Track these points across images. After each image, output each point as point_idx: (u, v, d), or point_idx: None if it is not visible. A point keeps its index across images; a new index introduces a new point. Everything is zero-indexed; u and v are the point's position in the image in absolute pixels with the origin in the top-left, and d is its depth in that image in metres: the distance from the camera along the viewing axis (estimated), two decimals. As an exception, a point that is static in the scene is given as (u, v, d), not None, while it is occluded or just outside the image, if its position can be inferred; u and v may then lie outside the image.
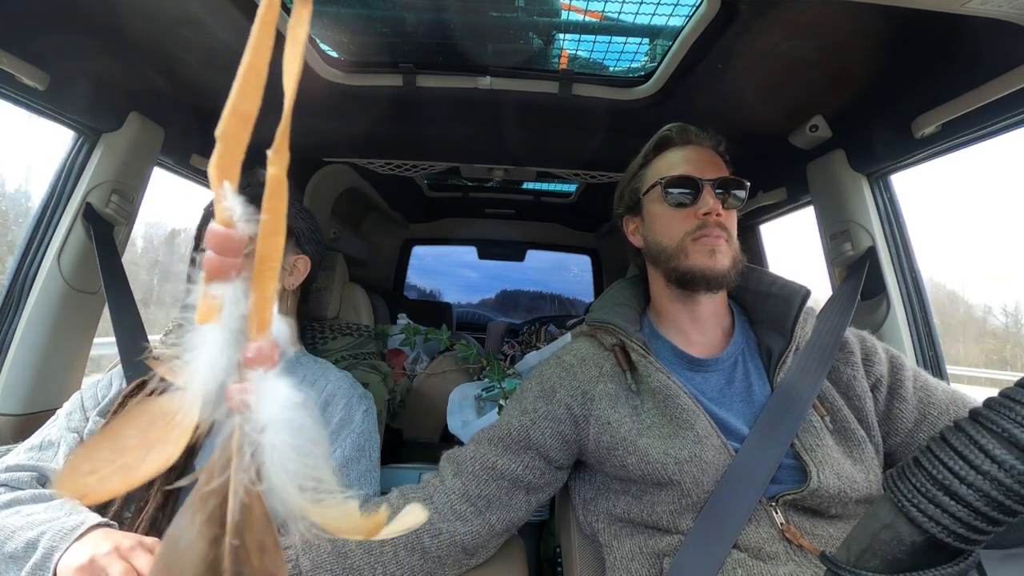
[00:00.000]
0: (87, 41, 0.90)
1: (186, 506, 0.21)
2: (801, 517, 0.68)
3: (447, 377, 1.57)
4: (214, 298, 0.21)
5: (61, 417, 0.80)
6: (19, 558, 0.59)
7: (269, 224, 0.21)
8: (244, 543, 0.21)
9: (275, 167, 0.21)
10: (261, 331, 0.21)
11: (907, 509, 0.37)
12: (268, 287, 0.21)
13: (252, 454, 0.21)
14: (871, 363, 0.77)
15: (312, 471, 0.21)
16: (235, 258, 0.21)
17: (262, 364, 0.21)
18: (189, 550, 0.20)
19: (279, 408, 0.21)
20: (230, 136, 0.20)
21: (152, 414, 0.23)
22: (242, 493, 0.20)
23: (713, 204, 0.75)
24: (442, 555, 0.71)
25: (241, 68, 0.20)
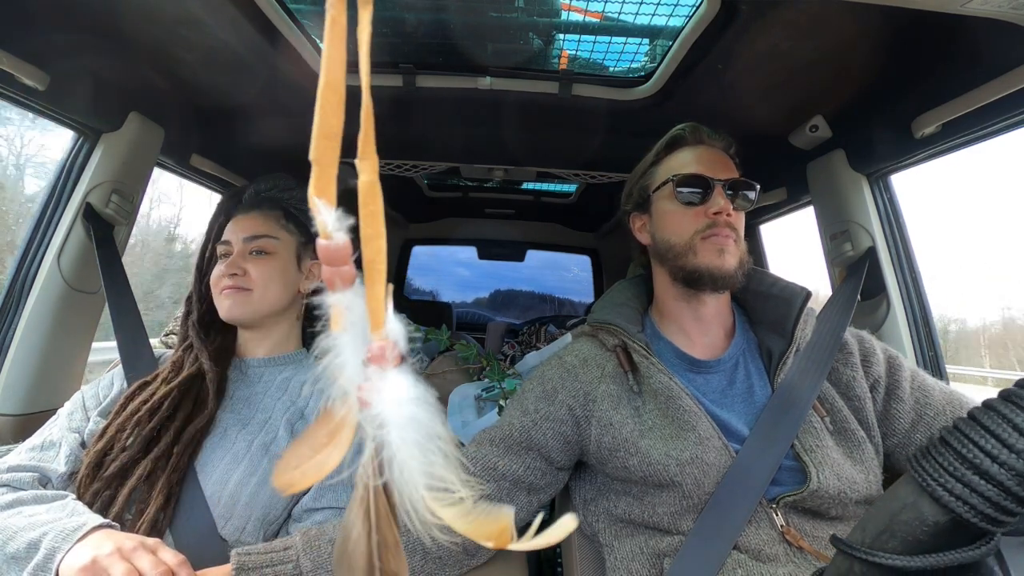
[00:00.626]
0: (87, 41, 0.90)
1: (352, 500, 0.23)
2: (801, 519, 0.68)
3: (447, 377, 1.57)
4: (336, 306, 0.22)
5: (62, 417, 0.80)
6: (21, 559, 0.59)
7: (368, 228, 0.22)
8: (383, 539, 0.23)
9: (366, 174, 0.22)
10: (377, 330, 0.22)
11: (932, 489, 0.36)
12: (378, 288, 0.22)
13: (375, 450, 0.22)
14: (869, 363, 0.77)
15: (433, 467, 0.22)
16: (344, 265, 0.22)
17: (379, 362, 0.22)
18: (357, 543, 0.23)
19: (397, 404, 0.22)
20: (323, 156, 0.21)
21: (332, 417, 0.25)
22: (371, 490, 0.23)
23: (724, 204, 0.75)
24: (442, 555, 0.71)
25: (320, 88, 0.20)
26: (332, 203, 0.21)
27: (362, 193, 0.22)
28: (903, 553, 0.37)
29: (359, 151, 0.21)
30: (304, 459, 0.25)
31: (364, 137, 0.21)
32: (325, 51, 0.21)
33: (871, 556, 0.38)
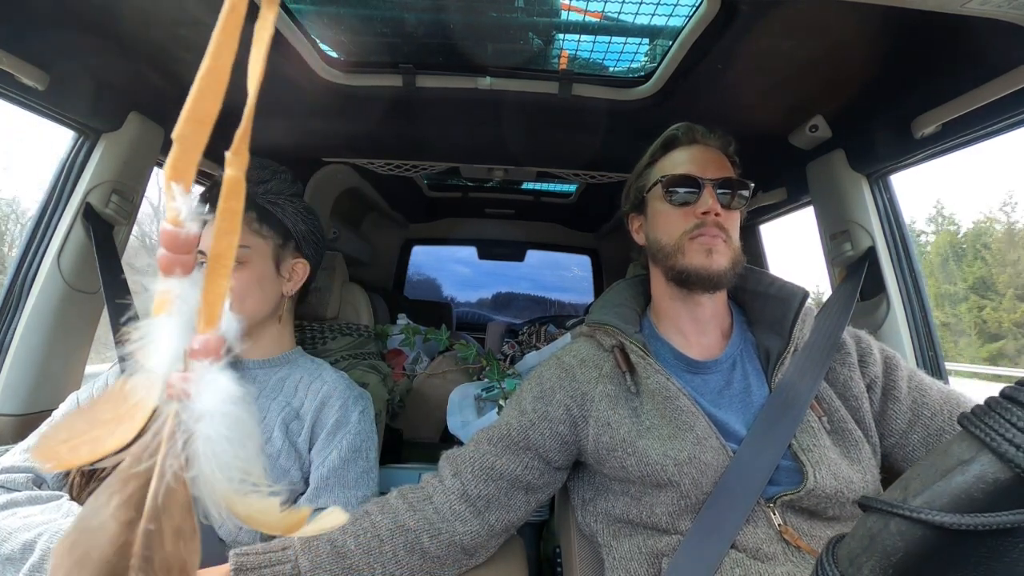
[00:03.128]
0: (87, 41, 0.90)
1: (104, 487, 0.21)
2: (799, 518, 0.68)
3: (447, 377, 1.57)
4: (166, 292, 0.22)
5: (58, 418, 0.79)
6: (16, 560, 0.59)
7: (224, 224, 0.21)
8: (160, 527, 0.21)
9: (233, 168, 0.21)
10: (209, 325, 0.22)
11: (998, 444, 0.34)
12: (220, 284, 0.22)
13: (185, 442, 0.21)
14: (866, 363, 0.77)
15: (243, 464, 0.22)
16: (185, 254, 0.21)
17: (207, 356, 0.22)
18: (100, 531, 0.21)
19: (218, 400, 0.22)
20: (187, 139, 0.20)
21: (124, 392, 0.23)
22: (169, 478, 0.21)
23: (712, 204, 0.74)
24: (442, 555, 0.71)
25: (200, 71, 0.20)
26: (188, 188, 0.21)
27: (226, 187, 0.21)
28: (953, 511, 0.35)
29: (233, 145, 0.21)
30: (78, 433, 0.23)
31: (240, 133, 0.21)
32: (215, 38, 0.20)
33: (916, 513, 0.36)
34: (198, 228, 0.21)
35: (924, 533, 0.36)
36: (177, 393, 0.22)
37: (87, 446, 0.22)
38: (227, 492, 0.22)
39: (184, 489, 0.22)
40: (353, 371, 1.15)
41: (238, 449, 0.22)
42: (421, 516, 0.71)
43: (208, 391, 0.22)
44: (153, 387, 0.22)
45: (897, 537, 0.37)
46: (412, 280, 2.97)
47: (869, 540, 0.39)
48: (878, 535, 0.38)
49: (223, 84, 0.20)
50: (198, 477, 0.21)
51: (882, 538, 0.38)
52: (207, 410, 0.21)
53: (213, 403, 0.22)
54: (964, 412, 0.38)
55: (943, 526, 0.35)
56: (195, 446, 0.21)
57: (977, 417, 0.37)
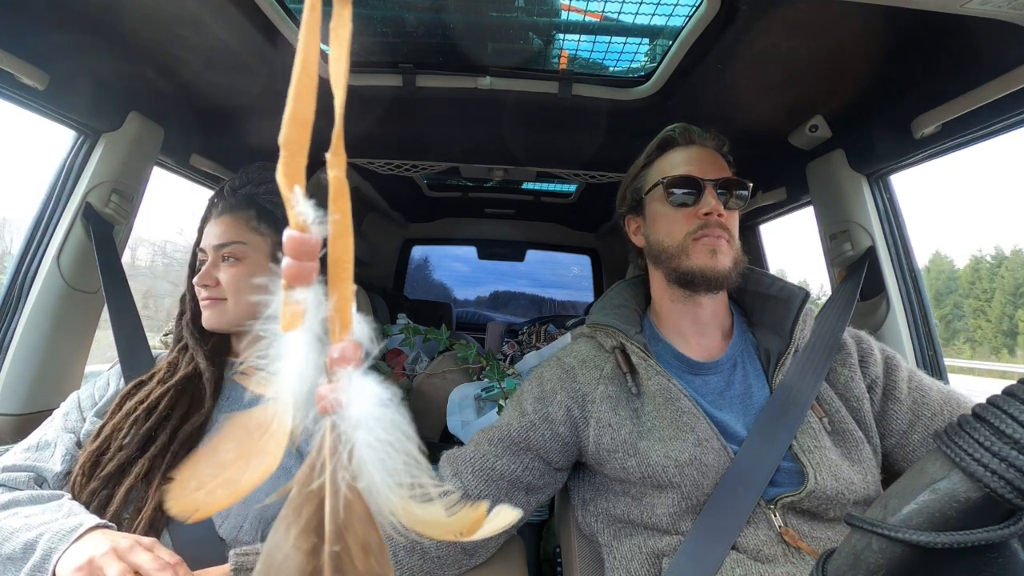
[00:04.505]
0: (87, 41, 0.90)
1: (279, 520, 0.21)
2: (799, 520, 0.68)
3: (447, 377, 1.57)
4: (298, 304, 0.21)
5: (58, 417, 0.80)
6: (17, 559, 0.59)
7: (338, 225, 0.21)
8: (347, 547, 0.20)
9: (335, 169, 0.21)
10: (344, 331, 0.21)
11: (967, 464, 0.35)
12: (345, 288, 0.21)
13: (349, 452, 0.21)
14: (867, 364, 0.77)
15: (407, 467, 0.21)
16: (312, 261, 0.21)
17: (348, 363, 0.21)
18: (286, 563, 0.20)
19: (370, 405, 0.21)
20: (292, 142, 0.20)
21: (246, 427, 0.23)
22: (345, 491, 0.20)
23: (714, 204, 0.74)
24: (441, 555, 0.71)
25: (294, 74, 0.20)
26: (304, 191, 0.20)
27: (332, 189, 0.21)
28: (929, 530, 0.36)
29: (331, 146, 0.21)
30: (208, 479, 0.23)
31: (336, 133, 0.21)
32: (301, 38, 0.20)
33: (894, 533, 0.37)
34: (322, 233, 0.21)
35: (904, 551, 0.37)
36: (330, 404, 0.21)
37: (223, 489, 0.22)
38: (399, 499, 0.21)
39: (361, 501, 0.21)
40: (353, 371, 1.15)
41: (400, 452, 0.21)
42: None
43: (358, 398, 0.21)
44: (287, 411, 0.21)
45: (879, 555, 0.38)
46: (411, 278, 2.98)
47: (854, 558, 0.40)
48: (862, 553, 0.39)
49: (314, 84, 0.20)
50: (369, 487, 0.21)
51: (865, 556, 0.39)
52: (362, 417, 0.21)
53: (366, 409, 0.21)
54: (938, 430, 0.39)
55: (919, 545, 0.36)
56: (360, 455, 0.20)
57: (949, 436, 0.38)
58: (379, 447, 0.21)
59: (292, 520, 0.21)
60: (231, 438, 0.23)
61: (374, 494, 0.21)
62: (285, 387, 0.21)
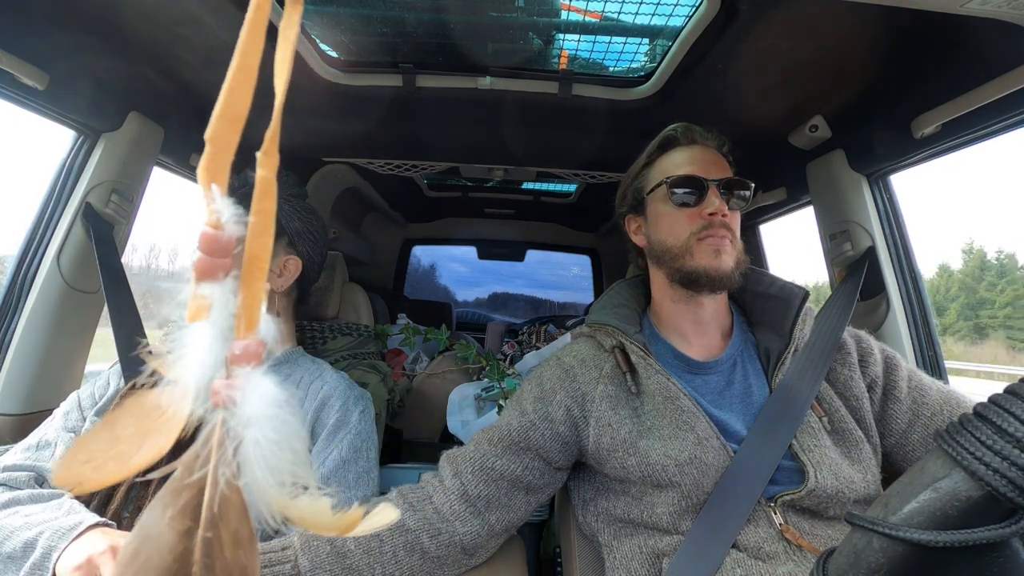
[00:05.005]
0: (87, 41, 0.90)
1: (157, 499, 0.21)
2: (800, 518, 0.68)
3: (447, 377, 1.57)
4: (204, 297, 0.21)
5: (58, 417, 0.80)
6: (17, 558, 0.60)
7: (258, 225, 0.21)
8: (218, 535, 0.21)
9: (264, 169, 0.21)
10: (249, 330, 0.22)
11: (969, 462, 0.35)
12: (257, 287, 0.21)
13: (235, 448, 0.21)
14: (867, 363, 0.77)
15: (292, 467, 0.22)
16: (224, 258, 0.21)
17: (249, 362, 0.21)
18: (158, 541, 0.21)
19: (264, 405, 0.21)
20: (220, 138, 0.20)
21: (147, 406, 0.23)
22: (223, 485, 0.21)
23: (719, 205, 0.74)
24: (441, 555, 0.71)
25: (230, 71, 0.20)
26: (224, 188, 0.21)
27: (258, 188, 0.21)
28: (930, 528, 0.36)
29: (263, 146, 0.21)
30: (99, 452, 0.22)
31: (271, 133, 0.21)
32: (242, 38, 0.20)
33: (895, 531, 0.37)
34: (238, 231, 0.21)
35: (904, 550, 0.37)
36: (223, 400, 0.21)
37: (113, 463, 0.22)
38: (279, 496, 0.22)
39: (238, 495, 0.21)
40: (353, 371, 1.15)
41: (287, 452, 0.22)
42: (421, 516, 0.71)
43: (253, 396, 0.21)
44: (185, 397, 0.22)
45: (880, 554, 0.38)
46: (411, 279, 2.98)
47: (855, 556, 0.40)
48: (863, 551, 0.39)
49: (252, 83, 0.20)
50: (251, 483, 0.21)
51: (866, 555, 0.39)
52: (254, 415, 0.21)
53: (259, 408, 0.21)
54: (939, 429, 0.39)
55: (921, 543, 0.36)
56: (245, 452, 0.21)
57: (950, 435, 0.38)
58: (266, 446, 0.21)
59: (170, 501, 0.21)
60: (130, 414, 0.23)
61: (255, 490, 0.21)
62: (185, 374, 0.21)
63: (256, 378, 0.22)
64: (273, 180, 0.21)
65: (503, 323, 2.31)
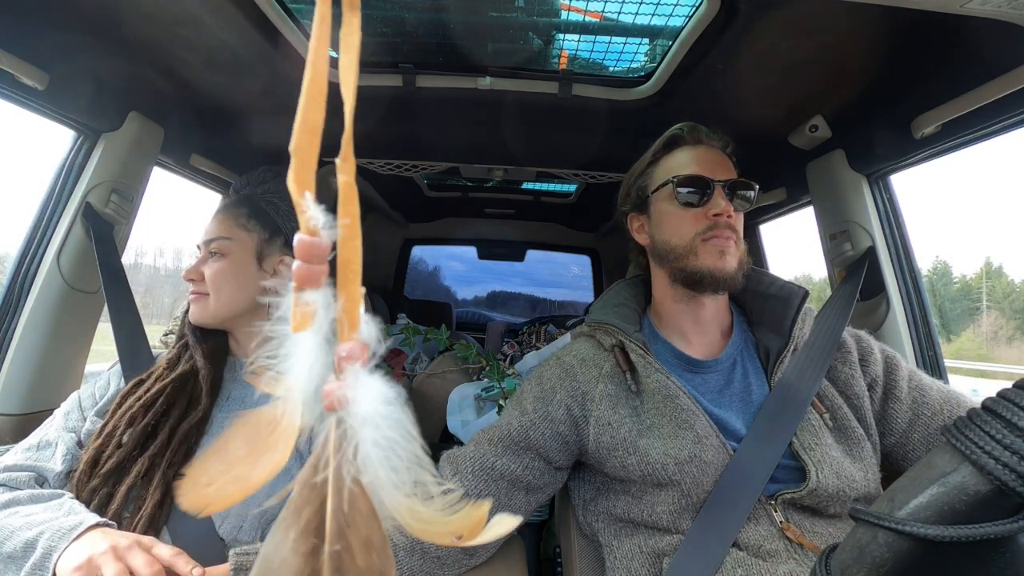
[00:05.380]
0: (87, 41, 0.90)
1: (278, 524, 0.21)
2: (800, 516, 0.68)
3: (447, 377, 1.57)
4: (308, 305, 0.21)
5: (59, 417, 0.80)
6: (18, 558, 0.59)
7: (347, 229, 0.21)
8: (349, 544, 0.21)
9: (345, 174, 0.21)
10: (352, 331, 0.22)
11: (978, 457, 0.35)
12: (354, 289, 0.22)
13: (355, 448, 0.21)
14: (867, 363, 0.77)
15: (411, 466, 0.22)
16: (322, 265, 0.21)
17: (356, 362, 0.22)
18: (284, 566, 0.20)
19: (377, 403, 0.21)
20: (302, 149, 0.21)
21: (256, 425, 0.23)
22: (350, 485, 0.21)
23: (725, 206, 0.74)
24: (441, 555, 0.71)
25: (305, 81, 0.20)
26: (313, 196, 0.21)
27: (342, 193, 0.21)
28: (937, 523, 0.36)
29: (341, 152, 0.21)
30: (218, 475, 0.23)
31: (346, 139, 0.21)
32: (311, 46, 0.21)
33: (901, 526, 0.36)
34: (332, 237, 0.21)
35: (910, 545, 0.37)
36: (336, 401, 0.21)
37: (233, 485, 0.22)
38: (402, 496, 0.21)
39: (365, 497, 0.21)
40: (353, 371, 1.15)
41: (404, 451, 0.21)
42: None
43: (365, 395, 0.21)
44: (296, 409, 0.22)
45: (885, 549, 0.38)
46: (410, 278, 2.97)
47: (859, 551, 0.40)
48: (867, 546, 0.39)
49: (324, 91, 0.21)
50: (374, 483, 0.21)
51: (871, 549, 0.39)
52: (369, 414, 0.21)
53: (372, 407, 0.21)
54: (947, 424, 0.39)
55: (927, 538, 0.36)
56: (365, 451, 0.21)
57: (958, 430, 0.38)
58: (384, 444, 0.21)
59: (292, 522, 0.21)
60: (240, 436, 0.24)
61: (378, 491, 0.21)
62: (294, 386, 0.22)
63: (365, 377, 0.22)
64: (354, 184, 0.22)
65: (503, 323, 2.31)
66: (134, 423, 0.73)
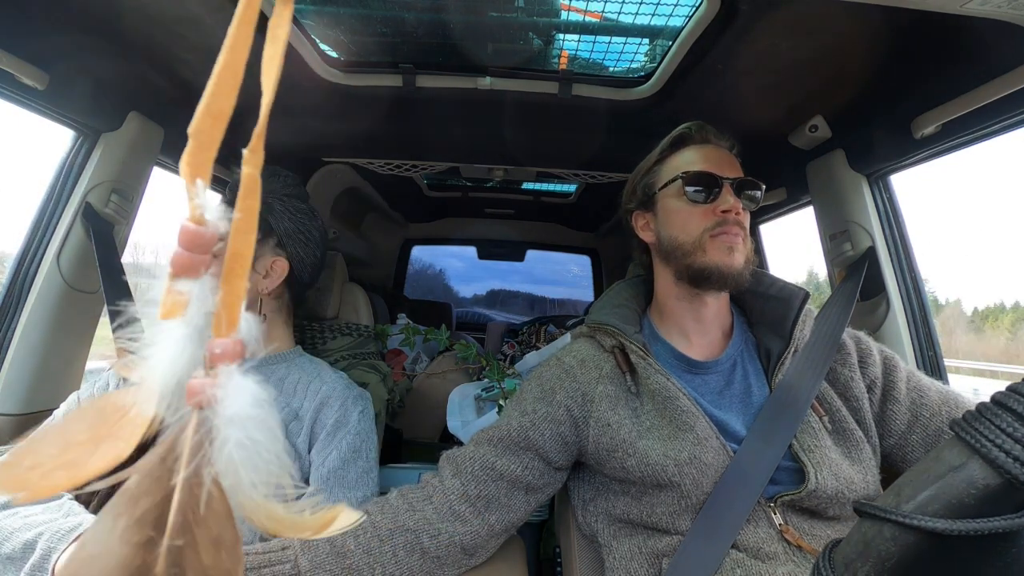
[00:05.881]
0: (87, 41, 0.90)
1: (107, 510, 0.20)
2: (799, 518, 0.68)
3: (447, 377, 1.57)
4: (181, 294, 0.20)
5: (58, 417, 0.79)
6: (17, 559, 0.59)
7: (242, 222, 0.20)
8: (194, 540, 0.20)
9: (250, 166, 0.21)
10: (230, 328, 0.21)
11: (988, 450, 0.35)
12: (238, 285, 0.21)
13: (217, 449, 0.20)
14: (866, 364, 0.77)
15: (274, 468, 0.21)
16: (204, 255, 0.20)
17: (230, 360, 0.21)
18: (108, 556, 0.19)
19: (247, 404, 0.21)
20: (203, 133, 0.20)
21: (103, 410, 0.22)
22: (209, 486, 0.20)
23: (734, 202, 0.75)
24: (441, 555, 0.71)
25: (216, 66, 0.19)
26: (207, 183, 0.20)
27: (243, 185, 0.20)
28: (944, 517, 0.35)
29: (250, 143, 0.20)
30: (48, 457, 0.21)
31: (258, 131, 0.20)
32: (230, 35, 0.20)
33: (909, 519, 0.36)
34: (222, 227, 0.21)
35: (917, 538, 0.36)
36: (204, 399, 0.20)
37: (63, 471, 0.21)
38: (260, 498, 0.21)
39: (223, 497, 0.20)
40: (353, 371, 1.15)
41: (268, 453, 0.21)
42: (421, 516, 0.71)
43: (234, 395, 0.21)
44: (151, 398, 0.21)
45: (891, 542, 0.38)
46: (411, 282, 2.97)
47: (864, 545, 0.39)
48: (872, 540, 0.39)
49: (238, 80, 0.20)
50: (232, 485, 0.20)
51: (876, 543, 0.38)
52: (237, 415, 0.20)
53: (243, 407, 0.21)
54: (955, 418, 0.39)
55: (935, 532, 0.35)
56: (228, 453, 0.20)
57: (968, 423, 0.37)
58: (249, 446, 0.20)
59: (124, 510, 0.20)
60: (83, 419, 0.22)
61: (236, 491, 0.21)
62: (154, 375, 0.21)
63: (238, 377, 0.21)
64: (258, 177, 0.21)
65: (503, 323, 2.31)
66: None
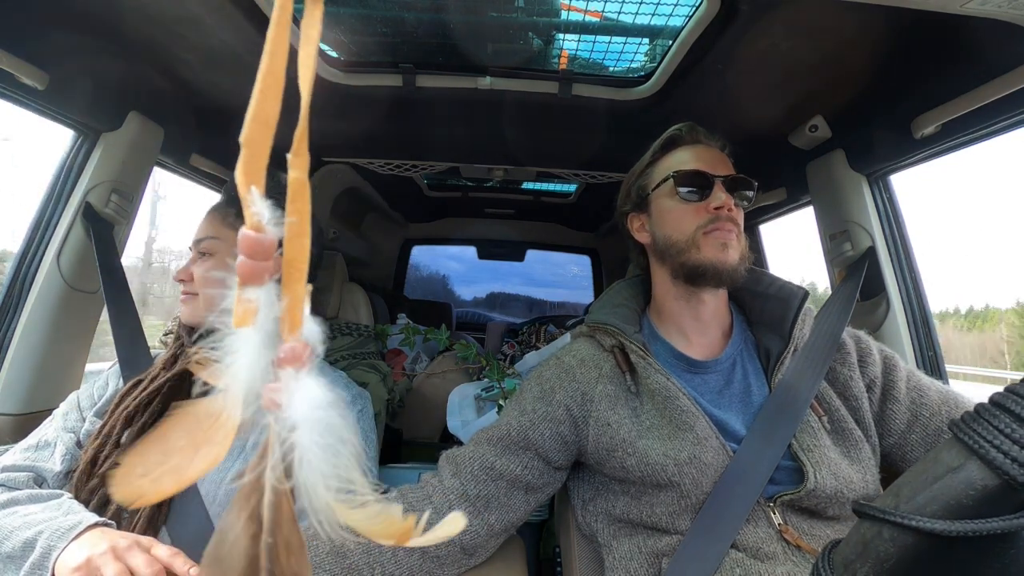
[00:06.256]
0: (87, 41, 0.90)
1: (234, 501, 0.21)
2: (799, 518, 0.68)
3: (447, 377, 1.57)
4: (250, 302, 0.21)
5: (58, 417, 0.80)
6: (17, 558, 0.59)
7: (295, 227, 0.21)
8: (276, 541, 0.21)
9: (296, 170, 0.21)
10: (293, 332, 0.21)
11: (986, 451, 0.35)
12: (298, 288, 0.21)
13: (283, 452, 0.21)
14: (866, 364, 0.77)
15: (342, 470, 0.22)
16: (267, 261, 0.21)
17: (293, 364, 0.21)
18: (235, 544, 0.21)
19: (309, 407, 0.21)
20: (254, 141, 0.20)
21: (197, 416, 0.23)
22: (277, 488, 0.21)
23: (726, 199, 0.75)
24: (441, 555, 0.71)
25: (260, 73, 0.20)
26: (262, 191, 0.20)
27: (291, 190, 0.21)
28: (943, 517, 0.35)
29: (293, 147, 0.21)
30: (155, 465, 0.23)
31: (299, 133, 0.21)
32: (269, 39, 0.20)
33: (908, 520, 0.36)
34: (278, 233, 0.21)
35: (916, 539, 0.36)
36: (271, 403, 0.21)
37: (169, 476, 0.22)
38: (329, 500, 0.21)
39: (288, 501, 0.21)
40: (353, 371, 1.15)
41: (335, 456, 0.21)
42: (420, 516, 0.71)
43: (299, 399, 0.21)
44: (236, 404, 0.22)
45: (890, 543, 0.38)
46: (411, 282, 2.97)
47: (863, 546, 0.39)
48: (871, 541, 0.39)
49: (281, 84, 0.20)
50: (299, 487, 0.21)
51: (875, 544, 0.38)
52: (300, 418, 0.21)
53: (306, 410, 0.21)
54: (954, 419, 0.39)
55: (934, 532, 0.35)
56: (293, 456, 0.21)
57: (966, 424, 0.37)
58: (313, 449, 0.21)
59: (242, 505, 0.21)
60: (181, 426, 0.23)
61: (305, 495, 0.21)
62: (235, 381, 0.21)
63: (301, 380, 0.21)
64: (306, 181, 0.21)
65: (503, 323, 2.31)
66: (132, 423, 0.73)
